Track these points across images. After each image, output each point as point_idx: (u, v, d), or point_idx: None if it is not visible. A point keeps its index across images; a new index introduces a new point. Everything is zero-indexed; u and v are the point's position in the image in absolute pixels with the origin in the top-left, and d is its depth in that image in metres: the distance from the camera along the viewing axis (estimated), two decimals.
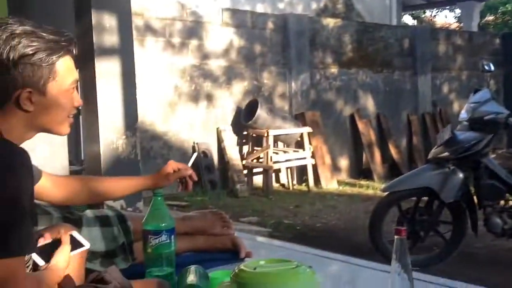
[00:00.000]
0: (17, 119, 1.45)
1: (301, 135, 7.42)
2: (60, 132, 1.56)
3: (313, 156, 7.47)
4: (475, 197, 4.09)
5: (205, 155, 6.92)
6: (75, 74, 1.53)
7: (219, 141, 7.12)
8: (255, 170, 7.33)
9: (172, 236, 1.90)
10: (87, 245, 1.60)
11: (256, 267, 1.28)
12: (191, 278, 1.81)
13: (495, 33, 13.41)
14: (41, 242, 1.52)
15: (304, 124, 7.53)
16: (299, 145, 7.52)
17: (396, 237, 1.45)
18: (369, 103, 8.76)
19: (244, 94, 7.40)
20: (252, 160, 7.24)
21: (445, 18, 24.66)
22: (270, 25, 7.63)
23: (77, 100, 1.57)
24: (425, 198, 4.07)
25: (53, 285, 1.43)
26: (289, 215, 5.87)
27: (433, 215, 4.02)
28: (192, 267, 1.88)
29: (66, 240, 1.52)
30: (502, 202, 4.13)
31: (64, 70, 1.49)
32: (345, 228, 5.43)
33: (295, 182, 7.59)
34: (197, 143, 6.90)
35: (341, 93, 8.41)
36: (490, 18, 18.56)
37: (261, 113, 6.94)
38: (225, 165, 7.06)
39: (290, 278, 1.25)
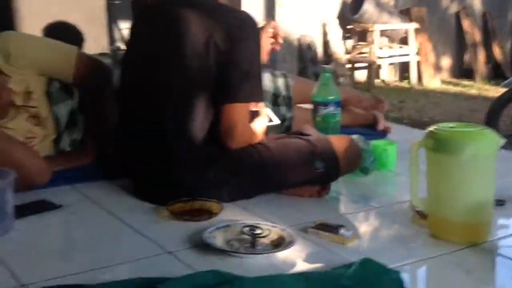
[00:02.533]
0: None
1: (406, 31, 7.36)
2: None
3: (417, 53, 7.43)
4: None
5: (309, 47, 7.02)
6: None
7: (324, 34, 7.18)
8: (357, 65, 7.40)
9: (339, 108, 2.12)
10: (276, 121, 1.99)
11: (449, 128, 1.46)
12: (360, 144, 2.04)
13: None
14: None
15: (409, 20, 7.45)
16: (403, 41, 7.47)
17: None
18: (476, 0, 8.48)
19: None
20: (356, 54, 7.30)
21: None
22: None
23: None
24: None
25: (256, 141, 1.76)
26: (394, 110, 5.97)
27: None
28: (356, 136, 2.11)
29: (264, 113, 1.83)
30: None
31: None
32: None
33: (396, 78, 7.62)
34: (302, 35, 7.01)
35: None
36: None
37: (368, 7, 6.90)
38: (328, 58, 7.17)
39: (480, 137, 1.43)
